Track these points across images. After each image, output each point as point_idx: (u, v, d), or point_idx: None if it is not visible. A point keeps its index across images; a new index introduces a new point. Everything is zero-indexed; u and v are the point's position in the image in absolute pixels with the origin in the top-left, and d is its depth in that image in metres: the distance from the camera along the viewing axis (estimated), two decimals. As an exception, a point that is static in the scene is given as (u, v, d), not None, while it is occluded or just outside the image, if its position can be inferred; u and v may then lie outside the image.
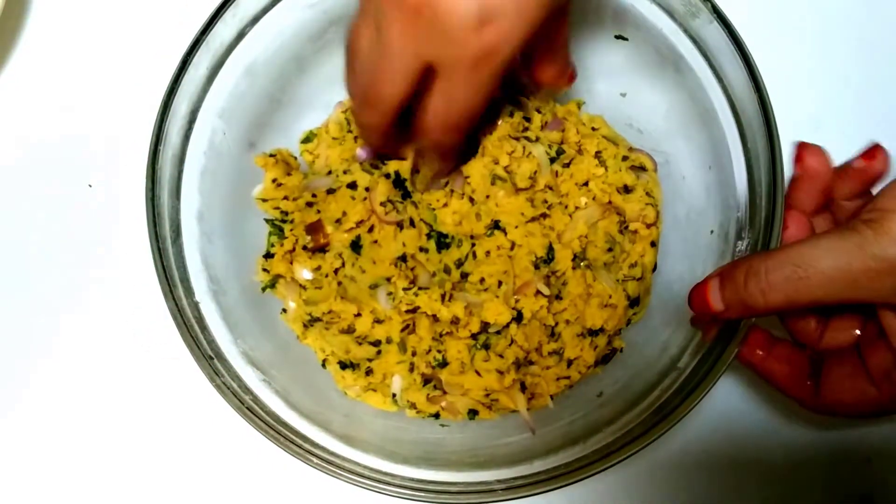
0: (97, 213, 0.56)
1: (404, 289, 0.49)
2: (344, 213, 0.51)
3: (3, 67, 0.59)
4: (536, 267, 0.50)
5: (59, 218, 0.56)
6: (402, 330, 0.49)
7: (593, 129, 0.53)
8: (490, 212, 0.51)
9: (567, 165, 0.52)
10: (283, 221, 0.52)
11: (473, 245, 0.51)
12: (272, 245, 0.52)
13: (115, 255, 0.55)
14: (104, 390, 0.53)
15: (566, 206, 0.51)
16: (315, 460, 0.42)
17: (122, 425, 0.53)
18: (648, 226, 0.51)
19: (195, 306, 0.44)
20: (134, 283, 0.54)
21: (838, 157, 0.57)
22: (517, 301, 0.49)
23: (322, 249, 0.51)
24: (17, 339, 0.54)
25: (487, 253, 0.51)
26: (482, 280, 0.50)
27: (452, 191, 0.51)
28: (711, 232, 0.46)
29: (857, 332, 0.40)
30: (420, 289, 0.49)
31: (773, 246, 0.41)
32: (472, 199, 0.51)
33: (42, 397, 0.53)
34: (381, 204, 0.50)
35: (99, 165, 0.57)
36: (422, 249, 0.51)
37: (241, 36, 0.47)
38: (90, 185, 0.56)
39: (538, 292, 0.50)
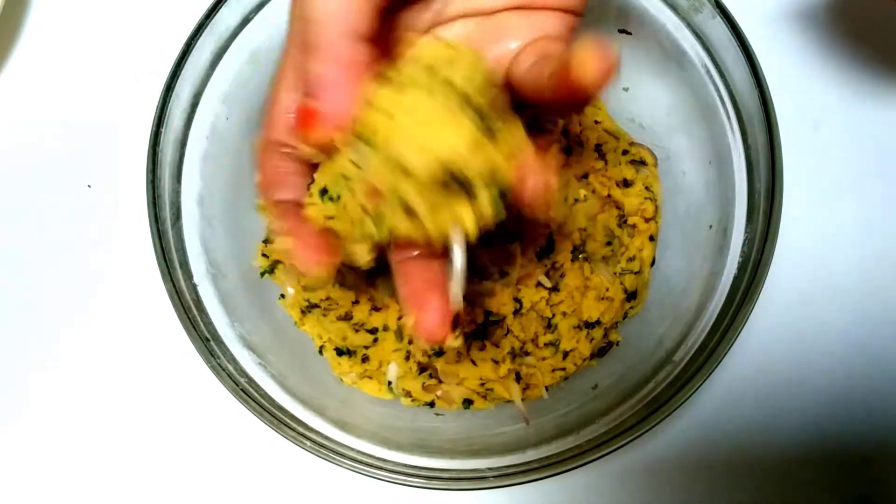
0: (97, 213, 0.56)
1: None
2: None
3: (3, 67, 0.58)
4: (539, 258, 0.50)
5: (59, 218, 0.56)
6: (399, 318, 0.49)
7: (596, 121, 0.53)
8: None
9: (567, 151, 0.52)
10: None
11: None
12: (272, 231, 0.52)
13: (115, 256, 0.55)
14: (104, 391, 0.53)
15: (566, 198, 0.51)
16: (308, 444, 0.42)
17: (121, 426, 0.53)
18: (647, 220, 0.51)
19: (193, 289, 0.44)
20: (134, 283, 0.54)
21: (838, 154, 0.56)
22: (518, 290, 0.49)
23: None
24: (16, 339, 0.54)
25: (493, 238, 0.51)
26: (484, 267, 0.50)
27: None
28: (710, 227, 0.46)
29: None
30: None
31: (771, 242, 0.41)
32: None
33: (42, 398, 0.53)
34: None
35: (99, 165, 0.56)
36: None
37: (245, 21, 0.47)
38: (90, 186, 0.56)
39: (539, 284, 0.50)
